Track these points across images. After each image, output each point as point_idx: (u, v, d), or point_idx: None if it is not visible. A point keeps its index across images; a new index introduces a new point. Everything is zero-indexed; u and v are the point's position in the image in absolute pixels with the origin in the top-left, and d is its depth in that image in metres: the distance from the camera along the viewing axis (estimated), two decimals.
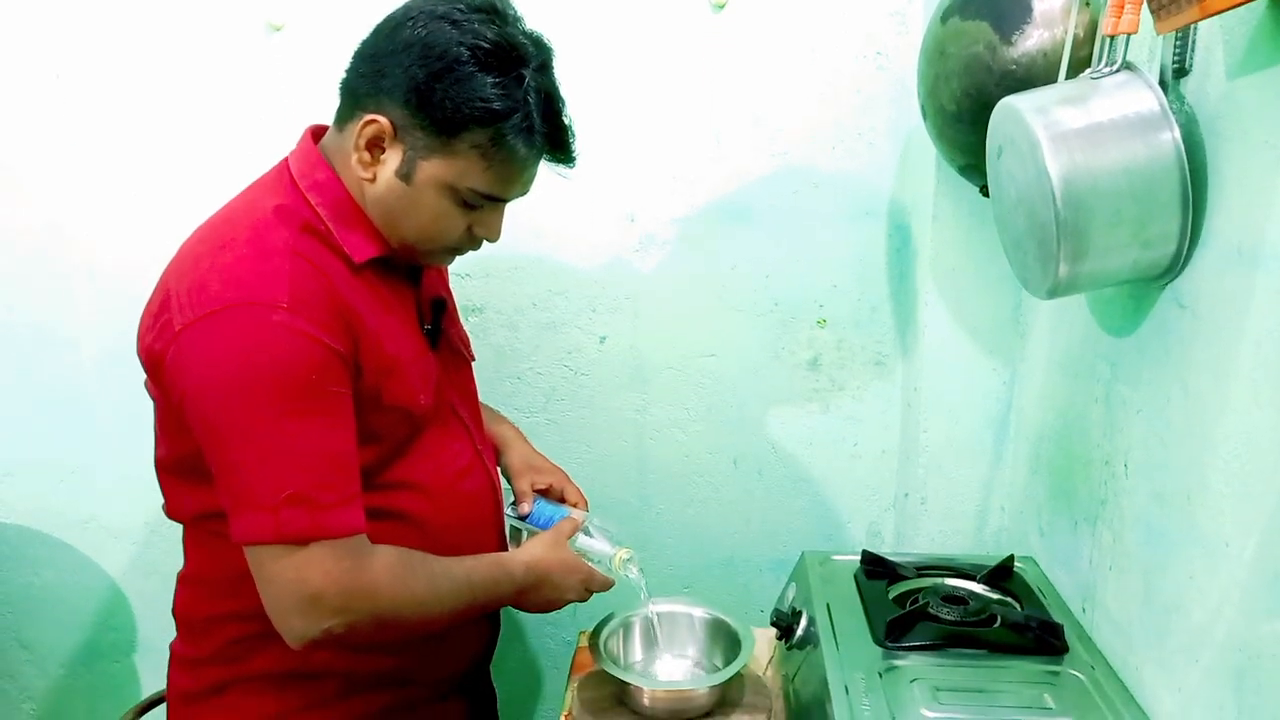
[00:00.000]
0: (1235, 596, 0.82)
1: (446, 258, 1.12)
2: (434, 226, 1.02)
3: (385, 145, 0.98)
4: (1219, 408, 0.85)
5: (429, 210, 1.00)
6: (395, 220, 1.01)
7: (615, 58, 1.55)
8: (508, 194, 1.04)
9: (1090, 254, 0.91)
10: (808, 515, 1.72)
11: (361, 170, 0.99)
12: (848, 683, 1.01)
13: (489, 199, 1.02)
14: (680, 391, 1.68)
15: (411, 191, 0.99)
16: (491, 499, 1.18)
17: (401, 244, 1.04)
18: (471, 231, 1.05)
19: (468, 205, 1.01)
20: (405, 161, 0.98)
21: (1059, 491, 1.26)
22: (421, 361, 1.07)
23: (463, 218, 1.02)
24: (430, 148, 0.97)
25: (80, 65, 1.58)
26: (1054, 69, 1.06)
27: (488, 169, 0.98)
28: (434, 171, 0.98)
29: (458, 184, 0.98)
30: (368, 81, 0.98)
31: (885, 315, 1.63)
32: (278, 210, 0.98)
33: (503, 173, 1.00)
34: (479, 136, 0.96)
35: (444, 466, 1.10)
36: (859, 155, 1.57)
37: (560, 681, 1.34)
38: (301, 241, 0.96)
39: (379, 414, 1.00)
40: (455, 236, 1.04)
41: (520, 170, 1.02)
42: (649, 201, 1.61)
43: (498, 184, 1.01)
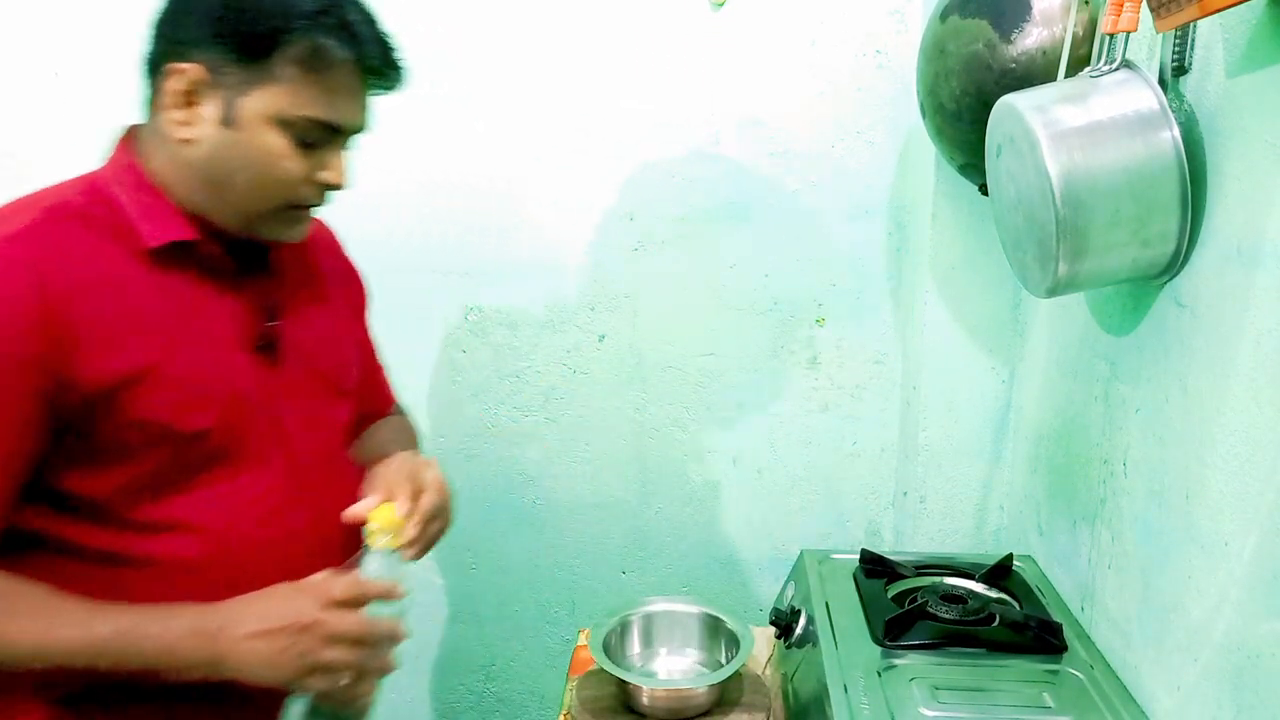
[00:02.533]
0: (1234, 596, 0.82)
1: (293, 224, 0.97)
2: (271, 173, 0.90)
3: (199, 96, 0.88)
4: (1218, 406, 0.85)
5: (262, 153, 0.89)
6: (226, 179, 0.90)
7: (615, 56, 1.55)
8: (342, 117, 0.92)
9: (1089, 253, 0.91)
10: (807, 514, 1.72)
11: (180, 132, 0.89)
12: (846, 681, 1.01)
13: (325, 127, 0.91)
14: (679, 390, 1.68)
15: (240, 136, 0.89)
16: (305, 551, 0.96)
17: (235, 213, 0.92)
18: (314, 179, 0.93)
19: (303, 143, 0.91)
20: (225, 105, 0.88)
21: (1058, 490, 1.26)
22: (212, 375, 0.92)
23: (301, 159, 0.91)
24: (248, 80, 0.88)
25: (79, 64, 1.58)
26: (1053, 67, 1.06)
27: (313, 87, 0.89)
28: (259, 105, 0.88)
29: (288, 113, 0.89)
30: (166, 41, 0.90)
31: (884, 314, 1.63)
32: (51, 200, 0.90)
33: (330, 88, 0.90)
34: (295, 49, 0.87)
35: (237, 508, 0.93)
36: (858, 154, 1.57)
37: (559, 680, 1.33)
38: (43, 228, 0.86)
39: (122, 429, 0.86)
40: (295, 183, 0.92)
41: (349, 83, 0.92)
42: (648, 200, 1.61)
43: (328, 104, 0.90)
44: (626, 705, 1.18)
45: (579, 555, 1.76)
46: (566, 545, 1.76)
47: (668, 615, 1.30)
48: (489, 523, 1.74)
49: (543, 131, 1.58)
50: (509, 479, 1.72)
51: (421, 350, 1.67)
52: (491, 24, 1.55)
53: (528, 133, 1.58)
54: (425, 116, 1.57)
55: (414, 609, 0.94)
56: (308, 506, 0.98)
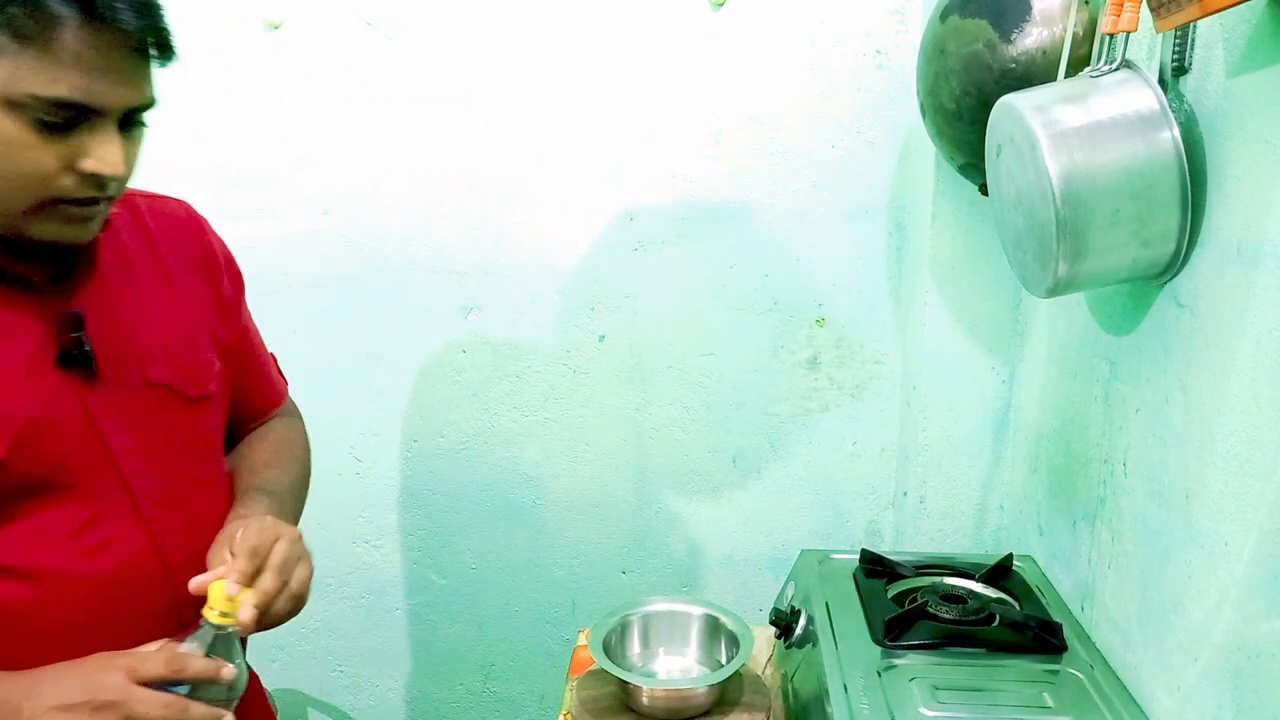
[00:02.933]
0: (1233, 596, 0.82)
1: (70, 223, 0.82)
2: (8, 165, 0.76)
3: None
4: (1218, 406, 0.85)
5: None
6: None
7: (615, 56, 1.55)
8: (82, 92, 0.76)
9: (1089, 253, 0.91)
10: (806, 514, 1.72)
11: None
12: (846, 681, 1.01)
13: (67, 107, 0.75)
14: (679, 390, 1.68)
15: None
16: (149, 585, 0.89)
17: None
18: (77, 169, 0.78)
19: (48, 126, 0.76)
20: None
21: (1058, 490, 1.26)
22: (4, 402, 0.81)
23: (49, 146, 0.76)
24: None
25: None
26: (1053, 67, 1.06)
27: (35, 57, 0.73)
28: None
29: (10, 92, 0.73)
30: None
31: (884, 314, 1.63)
32: None
33: (56, 57, 0.74)
34: (7, 14, 0.73)
35: (59, 544, 0.83)
36: (858, 154, 1.57)
37: (559, 680, 1.33)
38: None
39: None
40: (47, 177, 0.77)
41: (82, 50, 0.75)
42: (648, 200, 1.61)
43: (60, 77, 0.74)
44: (626, 705, 1.18)
45: (579, 555, 1.76)
46: (566, 545, 1.76)
47: (668, 615, 1.30)
48: (489, 523, 1.74)
49: (543, 131, 1.58)
50: (509, 479, 1.73)
51: (421, 350, 1.68)
52: (491, 24, 1.55)
53: (528, 133, 1.58)
54: (425, 117, 1.57)
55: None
56: (145, 535, 0.89)
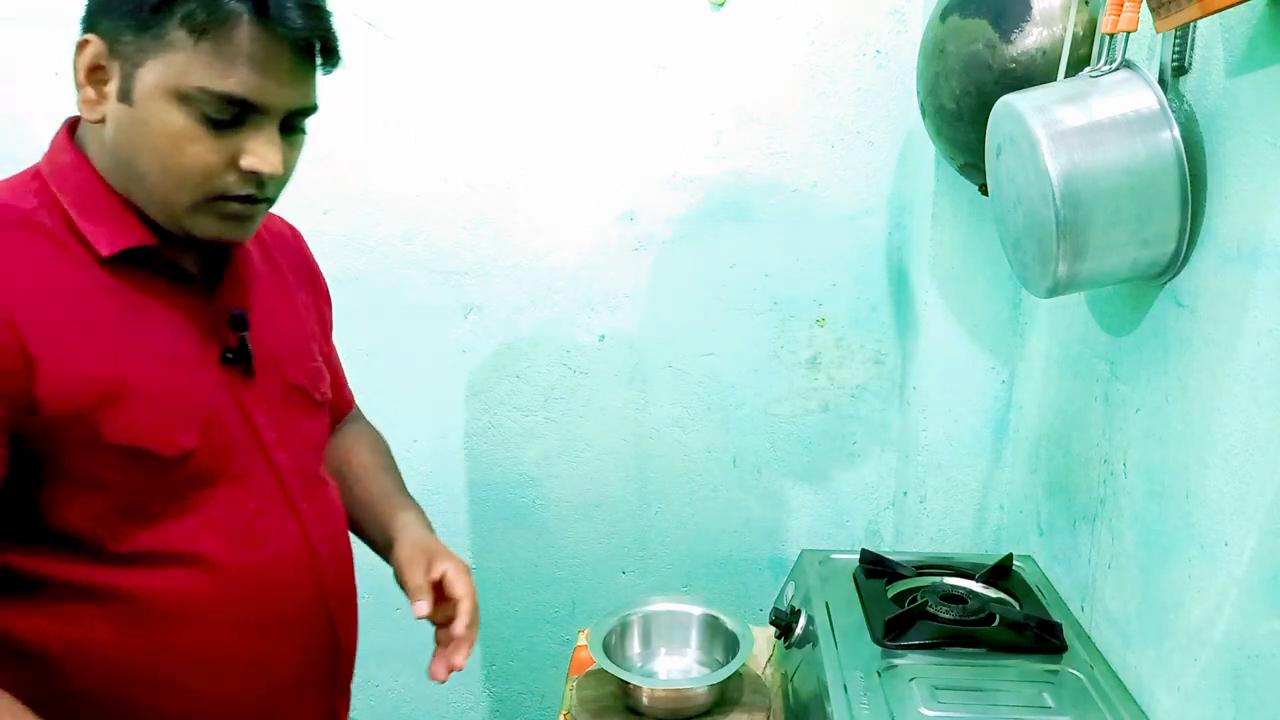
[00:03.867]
0: (1233, 596, 0.82)
1: (228, 220, 0.84)
2: (174, 158, 0.78)
3: (106, 71, 0.79)
4: (1218, 406, 0.85)
5: (163, 134, 0.78)
6: (134, 165, 0.80)
7: (615, 56, 1.55)
8: (250, 89, 0.78)
9: (1089, 253, 0.91)
10: (806, 514, 1.72)
11: (90, 113, 0.80)
12: (846, 681, 1.01)
13: (233, 102, 0.78)
14: (679, 390, 1.68)
15: (136, 113, 0.78)
16: (298, 577, 0.92)
17: (158, 205, 0.81)
18: (239, 166, 0.80)
19: (214, 123, 0.78)
20: (124, 78, 0.78)
21: (1058, 490, 1.26)
22: (187, 392, 0.84)
23: (213, 142, 0.79)
24: (143, 47, 0.76)
25: None
26: (1053, 67, 1.06)
27: (209, 52, 0.76)
28: (154, 77, 0.77)
29: (184, 86, 0.76)
30: (83, 17, 0.81)
31: (884, 314, 1.63)
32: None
33: (229, 54, 0.77)
34: (186, 7, 0.75)
35: (227, 533, 0.86)
36: (858, 154, 1.57)
37: (559, 680, 1.33)
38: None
39: (100, 455, 0.79)
40: (211, 171, 0.79)
41: (255, 49, 0.77)
42: (648, 200, 1.61)
43: (230, 73, 0.77)
44: (626, 705, 1.18)
45: (579, 555, 1.76)
46: (566, 545, 1.76)
47: (668, 615, 1.30)
48: (489, 523, 1.74)
49: (543, 131, 1.58)
50: (509, 479, 1.73)
51: (421, 350, 1.67)
52: (492, 24, 1.55)
53: (528, 133, 1.58)
54: (425, 116, 1.57)
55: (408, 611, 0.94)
56: (297, 527, 0.92)
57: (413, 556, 0.97)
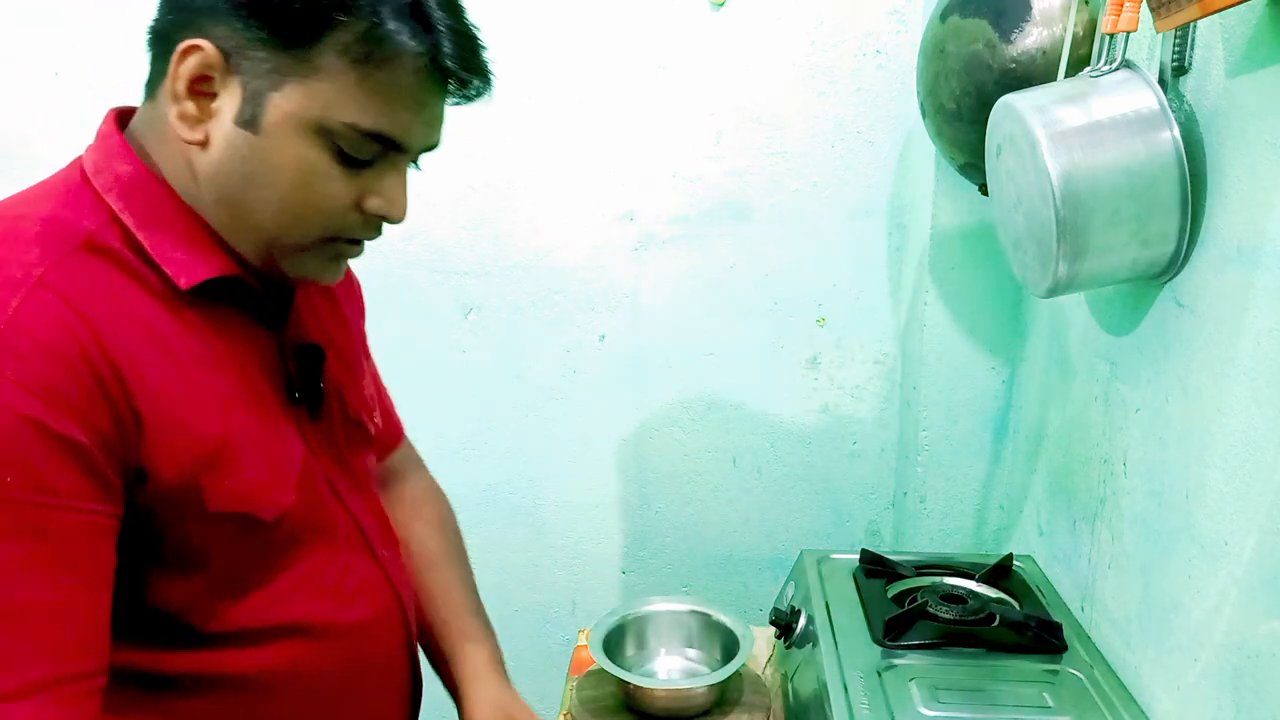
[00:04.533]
0: (1234, 596, 0.82)
1: (330, 262, 0.76)
2: (301, 194, 0.69)
3: (216, 84, 0.67)
4: (1218, 406, 0.85)
5: (292, 168, 0.68)
6: (242, 198, 0.69)
7: (615, 56, 1.55)
8: (404, 130, 0.70)
9: (1089, 253, 0.91)
10: (806, 514, 1.72)
11: (187, 131, 0.68)
12: (846, 681, 1.01)
13: (378, 140, 0.69)
14: (679, 390, 1.68)
15: (262, 143, 0.67)
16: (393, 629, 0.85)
17: (254, 240, 0.72)
18: (362, 207, 0.72)
19: (348, 160, 0.69)
20: (247, 100, 0.67)
21: (1058, 490, 1.26)
22: (277, 442, 0.74)
23: (344, 181, 0.70)
24: (280, 68, 0.66)
25: (79, 63, 1.58)
26: (1053, 67, 1.06)
27: (367, 87, 0.67)
28: (291, 105, 0.66)
29: (329, 120, 0.67)
30: (180, 8, 0.68)
31: (884, 314, 1.63)
32: (47, 223, 0.66)
33: (390, 92, 0.68)
34: (347, 34, 0.66)
35: (325, 595, 0.78)
36: (858, 153, 1.57)
37: (559, 680, 1.33)
38: (68, 267, 0.64)
39: (199, 527, 0.69)
40: (336, 212, 0.71)
41: (416, 87, 0.69)
42: (648, 200, 1.61)
43: (386, 113, 0.68)
44: (626, 705, 1.18)
45: (579, 555, 1.76)
46: (566, 545, 1.76)
47: (668, 615, 1.30)
48: (489, 523, 1.74)
49: (543, 131, 1.58)
50: (509, 479, 1.73)
51: (421, 350, 1.67)
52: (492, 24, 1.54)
53: (528, 132, 1.58)
54: None
55: None
56: (383, 577, 0.84)
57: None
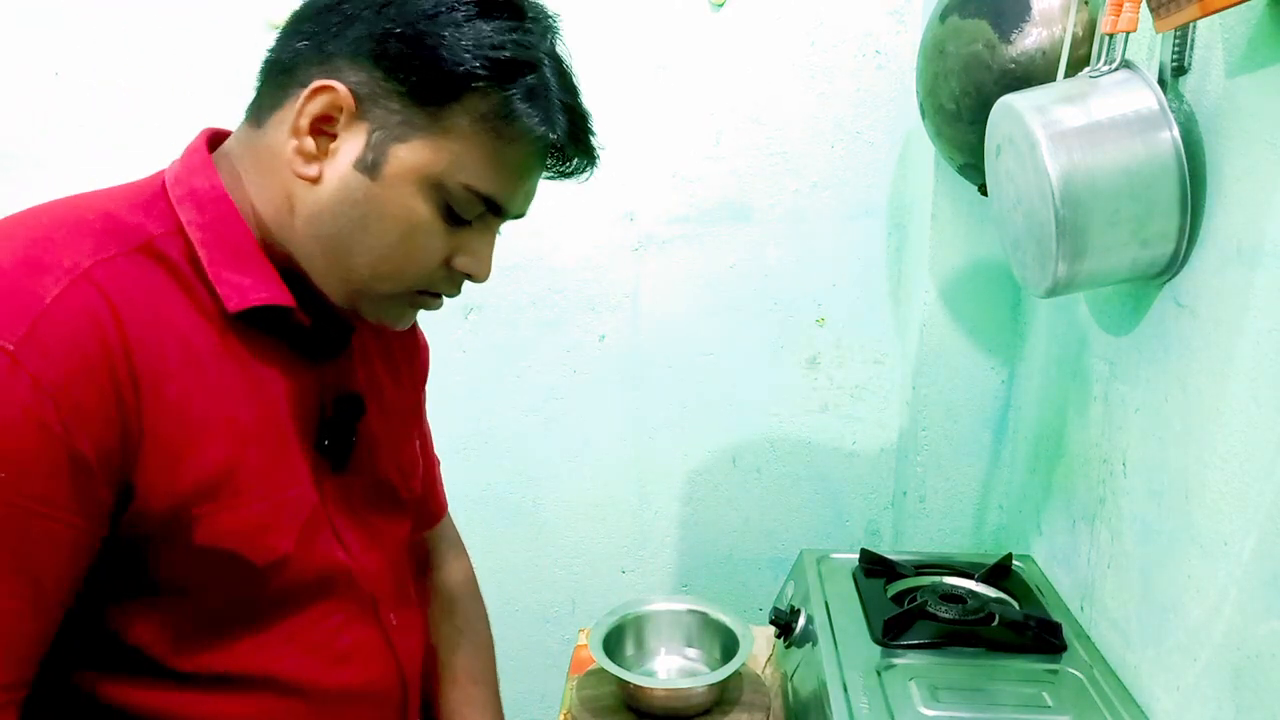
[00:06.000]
0: (1233, 595, 0.82)
1: (406, 309, 0.76)
2: (404, 246, 0.70)
3: (340, 127, 0.68)
4: (1217, 406, 0.85)
5: (401, 220, 0.69)
6: (345, 239, 0.70)
7: (615, 56, 1.55)
8: (510, 198, 0.73)
9: (1089, 253, 0.91)
10: (806, 513, 1.72)
11: (301, 166, 0.69)
12: (846, 681, 1.01)
13: (486, 204, 0.72)
14: (679, 390, 1.68)
15: (378, 190, 0.68)
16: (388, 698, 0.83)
17: (343, 282, 0.72)
18: (450, 263, 0.73)
19: (454, 218, 0.71)
20: (371, 146, 0.68)
21: (1057, 490, 1.26)
22: (287, 486, 0.72)
23: (444, 237, 0.71)
24: (411, 123, 0.67)
25: (79, 63, 1.58)
26: (1053, 67, 1.06)
27: (491, 154, 0.69)
28: (415, 159, 0.68)
29: (448, 179, 0.69)
30: (313, 45, 0.68)
31: (884, 314, 1.63)
32: (110, 219, 0.66)
33: (509, 162, 0.71)
34: (483, 103, 0.68)
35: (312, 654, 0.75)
36: (858, 154, 1.57)
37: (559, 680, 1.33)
38: (118, 265, 0.63)
39: (186, 558, 0.66)
40: (430, 266, 0.72)
41: (528, 160, 0.73)
42: (648, 200, 1.61)
43: (501, 180, 0.71)
44: (626, 705, 1.18)
45: (579, 555, 1.76)
46: (566, 545, 1.76)
47: (667, 615, 1.30)
48: (489, 523, 1.74)
49: None
50: (509, 479, 1.73)
51: None
52: None
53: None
54: None
55: None
56: (384, 643, 0.81)
57: None
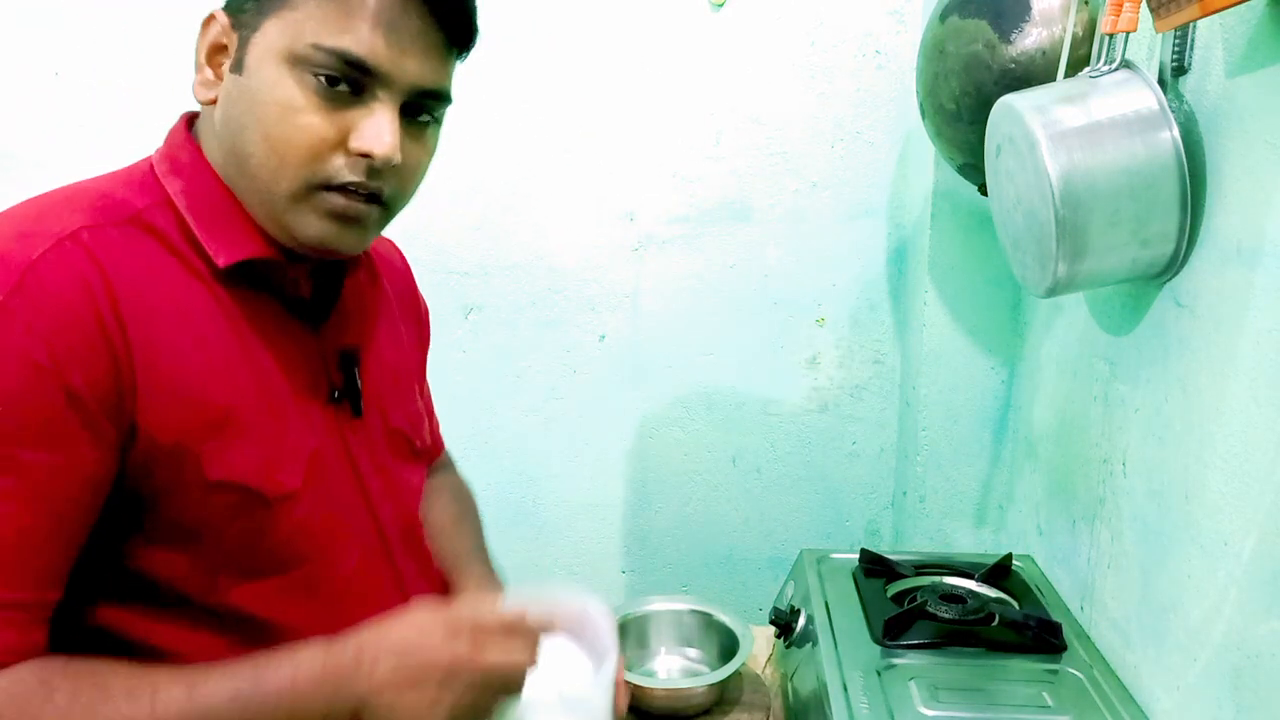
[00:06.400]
0: (1233, 595, 0.82)
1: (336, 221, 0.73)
2: (280, 129, 0.70)
3: (227, 49, 0.72)
4: (1217, 406, 0.85)
5: (269, 101, 0.69)
6: (239, 146, 0.72)
7: (615, 56, 1.55)
8: (369, 51, 0.69)
9: (1089, 253, 0.91)
10: (806, 513, 1.72)
11: (204, 94, 0.73)
12: (846, 681, 1.01)
13: (350, 66, 0.69)
14: (679, 390, 1.68)
15: (247, 83, 0.70)
16: None
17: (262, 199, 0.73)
18: (347, 146, 0.71)
19: (328, 91, 0.70)
20: (238, 47, 0.71)
21: (1057, 490, 1.26)
22: (292, 427, 0.76)
23: (324, 115, 0.70)
24: (260, 10, 0.70)
25: (79, 63, 1.58)
26: (1053, 67, 1.06)
27: (331, 7, 0.69)
28: (268, 40, 0.70)
29: (297, 45, 0.69)
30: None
31: (884, 314, 1.63)
32: (102, 197, 0.72)
33: (351, 9, 0.69)
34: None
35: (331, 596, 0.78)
36: (858, 154, 1.57)
37: None
38: (106, 234, 0.69)
39: (199, 494, 0.70)
40: (316, 148, 0.70)
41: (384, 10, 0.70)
42: (648, 200, 1.61)
43: (350, 29, 0.69)
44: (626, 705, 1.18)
45: (579, 555, 1.76)
46: (566, 545, 1.76)
47: (667, 615, 1.30)
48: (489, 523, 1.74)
49: (543, 131, 1.58)
50: (509, 479, 1.73)
51: None
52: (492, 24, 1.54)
53: (528, 133, 1.58)
54: None
55: None
56: (397, 588, 0.83)
57: None
